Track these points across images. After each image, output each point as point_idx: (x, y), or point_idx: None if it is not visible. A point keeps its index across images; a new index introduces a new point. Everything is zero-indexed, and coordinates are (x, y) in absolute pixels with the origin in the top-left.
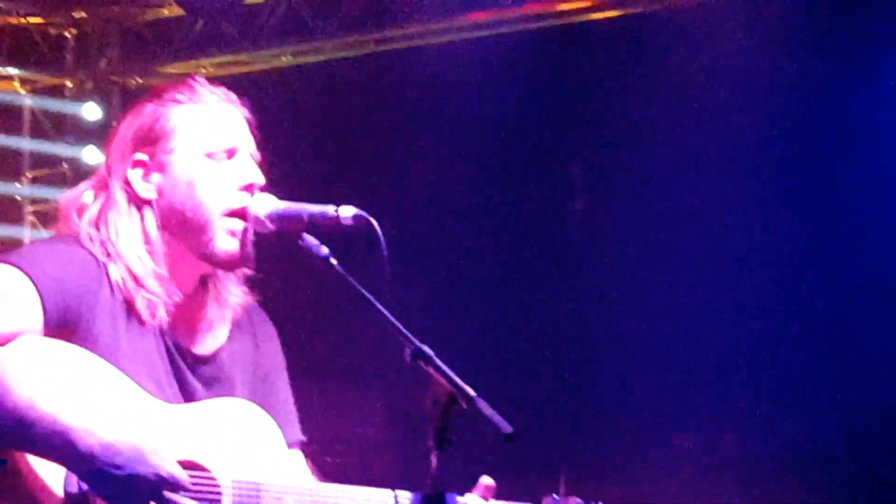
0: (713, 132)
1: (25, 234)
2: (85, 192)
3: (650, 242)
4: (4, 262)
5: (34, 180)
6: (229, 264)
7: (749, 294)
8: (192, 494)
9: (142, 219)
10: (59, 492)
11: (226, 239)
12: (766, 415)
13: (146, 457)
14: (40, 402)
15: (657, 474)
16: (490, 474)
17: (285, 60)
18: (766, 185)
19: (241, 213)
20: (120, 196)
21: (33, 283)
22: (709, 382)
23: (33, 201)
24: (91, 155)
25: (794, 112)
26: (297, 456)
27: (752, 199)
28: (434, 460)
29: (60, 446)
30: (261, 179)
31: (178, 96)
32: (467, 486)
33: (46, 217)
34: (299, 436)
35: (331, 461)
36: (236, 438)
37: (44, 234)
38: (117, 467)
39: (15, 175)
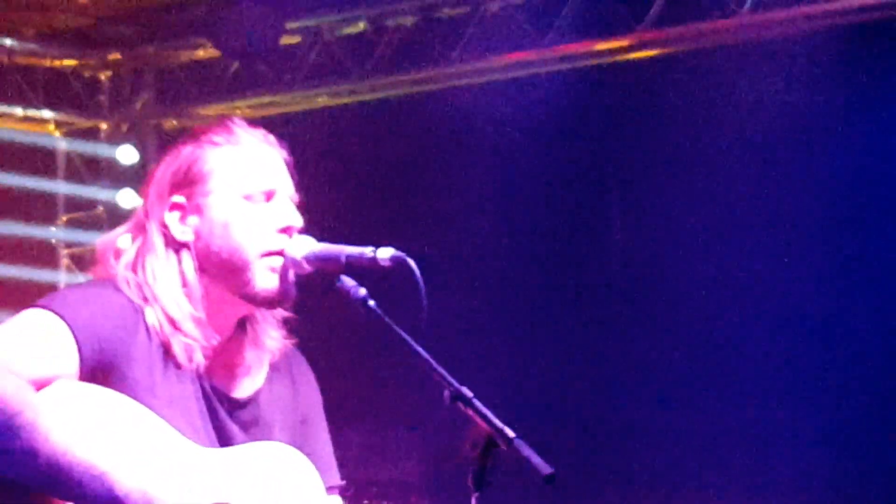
0: (750, 167)
1: (61, 277)
2: (122, 236)
3: (689, 271)
4: (40, 306)
5: (69, 223)
6: (269, 302)
7: (793, 321)
8: None
9: (179, 262)
10: None
11: (266, 276)
12: (820, 434)
13: (183, 502)
14: (76, 447)
15: None
16: None
17: (321, 101)
18: (806, 215)
19: (278, 254)
20: (157, 239)
21: (69, 326)
22: (756, 408)
23: (68, 245)
24: (127, 198)
25: (835, 146)
26: (335, 501)
27: (792, 229)
28: (474, 502)
29: (98, 491)
30: (299, 221)
31: (216, 138)
32: None
33: (82, 260)
34: (337, 480)
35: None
36: (274, 482)
37: (79, 277)
38: None
39: (50, 218)
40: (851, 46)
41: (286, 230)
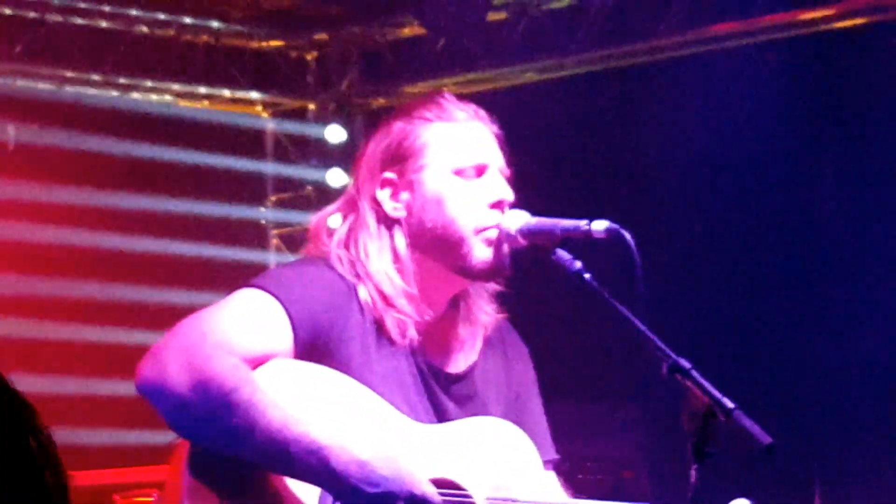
0: None
1: (270, 258)
2: (334, 213)
3: None
4: (253, 285)
5: (278, 204)
6: (486, 274)
7: None
8: None
9: (391, 238)
10: None
11: (482, 249)
12: None
13: (401, 475)
14: (294, 422)
15: None
16: (747, 487)
17: (528, 77)
18: None
19: (492, 229)
20: (369, 216)
21: (282, 305)
22: None
23: (277, 225)
24: (335, 177)
25: None
26: (551, 475)
27: None
28: (694, 474)
29: (315, 465)
30: (510, 196)
31: (427, 114)
32: (726, 499)
33: (291, 241)
34: (553, 454)
35: (583, 478)
36: (491, 457)
37: (289, 257)
38: (372, 484)
39: (259, 199)
40: None
41: (498, 205)
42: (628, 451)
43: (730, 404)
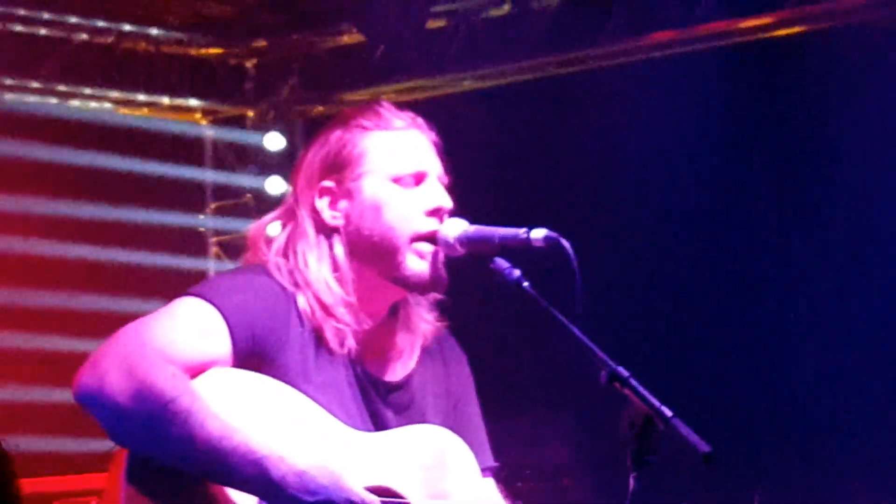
0: None
1: (210, 265)
2: (272, 222)
3: (847, 253)
4: (192, 294)
5: (217, 211)
6: (421, 287)
7: None
8: None
9: (330, 247)
10: None
11: (416, 262)
12: None
13: (339, 484)
14: (232, 432)
15: (859, 492)
16: (686, 494)
17: (467, 85)
18: None
19: (430, 238)
20: (308, 224)
21: (221, 313)
22: None
23: (216, 233)
24: (274, 185)
25: None
26: (489, 482)
27: None
28: (633, 482)
29: (254, 475)
30: (449, 203)
31: (365, 122)
32: None
33: (230, 248)
34: (491, 461)
35: (522, 486)
36: (429, 464)
37: (228, 265)
38: (311, 493)
39: (198, 207)
40: None
41: (436, 212)
42: (567, 459)
43: (668, 412)
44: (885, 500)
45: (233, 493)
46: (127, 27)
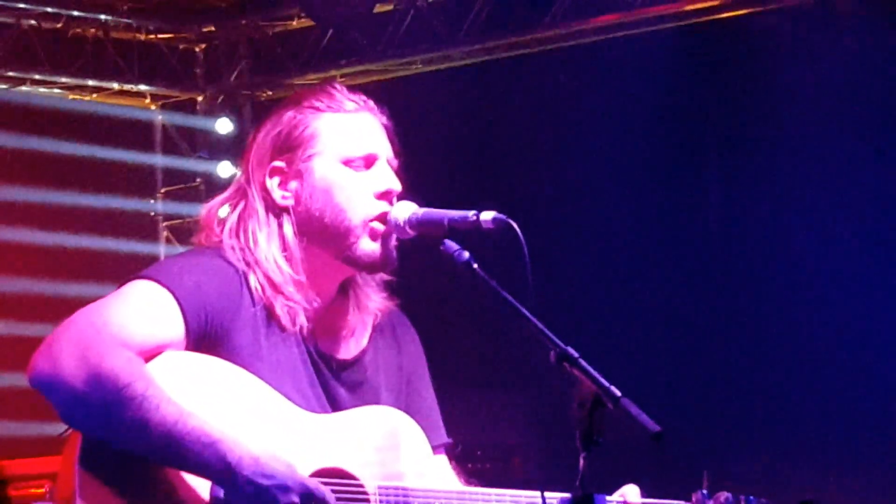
0: (845, 125)
1: (161, 250)
2: (224, 203)
3: (790, 236)
4: (144, 276)
5: (168, 196)
6: (371, 267)
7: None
8: (340, 501)
9: (280, 226)
10: (206, 496)
11: (367, 242)
12: None
13: (293, 469)
14: (187, 416)
15: (803, 471)
16: (635, 473)
17: (415, 68)
18: None
19: (380, 220)
20: (258, 204)
21: (174, 296)
22: (857, 378)
23: (167, 217)
24: (225, 169)
25: None
26: (442, 459)
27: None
28: (582, 462)
29: (209, 459)
30: (398, 186)
31: (317, 104)
32: (615, 486)
33: (181, 232)
34: (444, 438)
35: (472, 467)
36: (381, 445)
37: (179, 249)
38: (267, 476)
39: (149, 191)
40: None
41: (386, 195)
42: (517, 439)
43: (617, 392)
44: (831, 476)
45: (186, 476)
46: (76, 12)
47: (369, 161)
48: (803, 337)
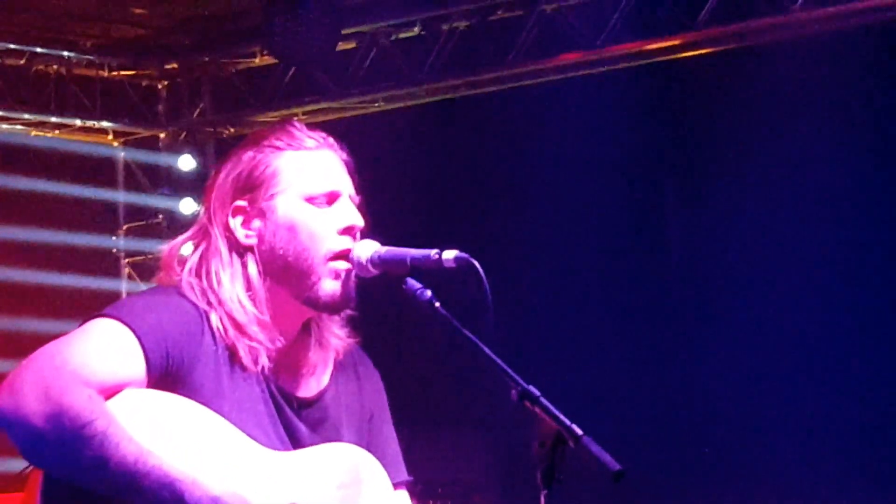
0: (806, 163)
1: (122, 286)
2: (186, 242)
3: (746, 263)
4: (105, 315)
5: (130, 233)
6: (332, 307)
7: (853, 312)
8: None
9: (243, 266)
10: None
11: (329, 283)
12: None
13: None
14: (147, 455)
15: None
16: None
17: (378, 106)
18: (861, 212)
19: (343, 256)
20: (221, 244)
21: (135, 334)
22: (821, 415)
23: (129, 254)
24: (187, 206)
25: (886, 143)
26: (403, 496)
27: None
28: (543, 500)
29: (167, 499)
30: (361, 222)
31: (277, 142)
32: None
33: (143, 269)
34: (405, 475)
35: (433, 503)
36: (342, 482)
37: (140, 286)
38: None
39: (111, 228)
40: None
41: (349, 230)
42: (478, 476)
43: (578, 431)
44: None
45: None
46: (39, 49)
47: (332, 198)
48: (770, 372)
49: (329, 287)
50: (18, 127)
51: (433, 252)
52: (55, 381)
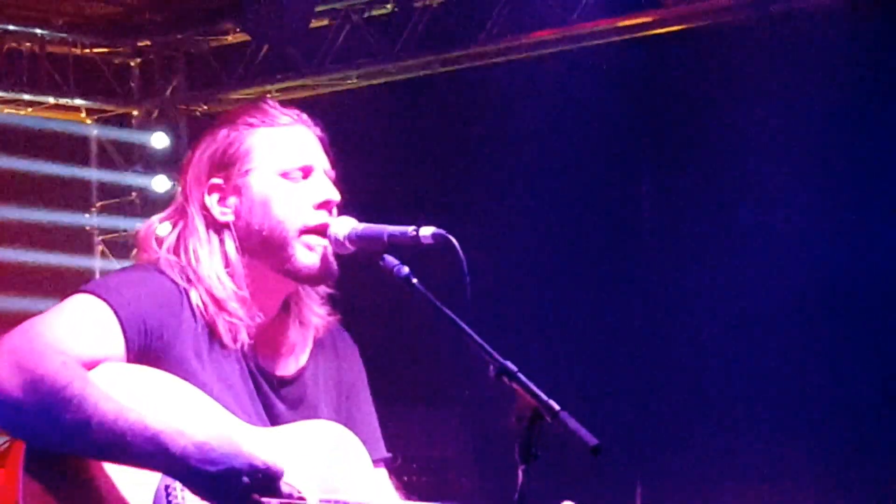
0: (778, 142)
1: (96, 264)
2: (163, 221)
3: (722, 250)
4: (84, 291)
5: (103, 210)
6: (311, 279)
7: (825, 301)
8: None
9: (221, 242)
10: (150, 497)
11: (305, 254)
12: (851, 423)
13: (240, 450)
14: (128, 412)
15: (736, 487)
16: (572, 487)
17: (351, 83)
18: (831, 196)
19: (319, 231)
20: (198, 221)
21: (113, 309)
22: (791, 389)
23: (103, 231)
24: (160, 183)
25: (855, 126)
26: (382, 474)
27: (822, 209)
28: (521, 475)
29: (153, 451)
30: (337, 196)
31: (251, 119)
32: (551, 500)
33: (116, 247)
34: (384, 452)
35: (408, 480)
36: (322, 459)
37: (114, 263)
38: (213, 463)
39: (84, 205)
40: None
41: (325, 205)
42: (455, 453)
43: (556, 406)
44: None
45: (126, 485)
46: (11, 27)
47: (306, 172)
48: (740, 349)
49: (306, 258)
50: None
51: (410, 229)
52: (29, 352)
